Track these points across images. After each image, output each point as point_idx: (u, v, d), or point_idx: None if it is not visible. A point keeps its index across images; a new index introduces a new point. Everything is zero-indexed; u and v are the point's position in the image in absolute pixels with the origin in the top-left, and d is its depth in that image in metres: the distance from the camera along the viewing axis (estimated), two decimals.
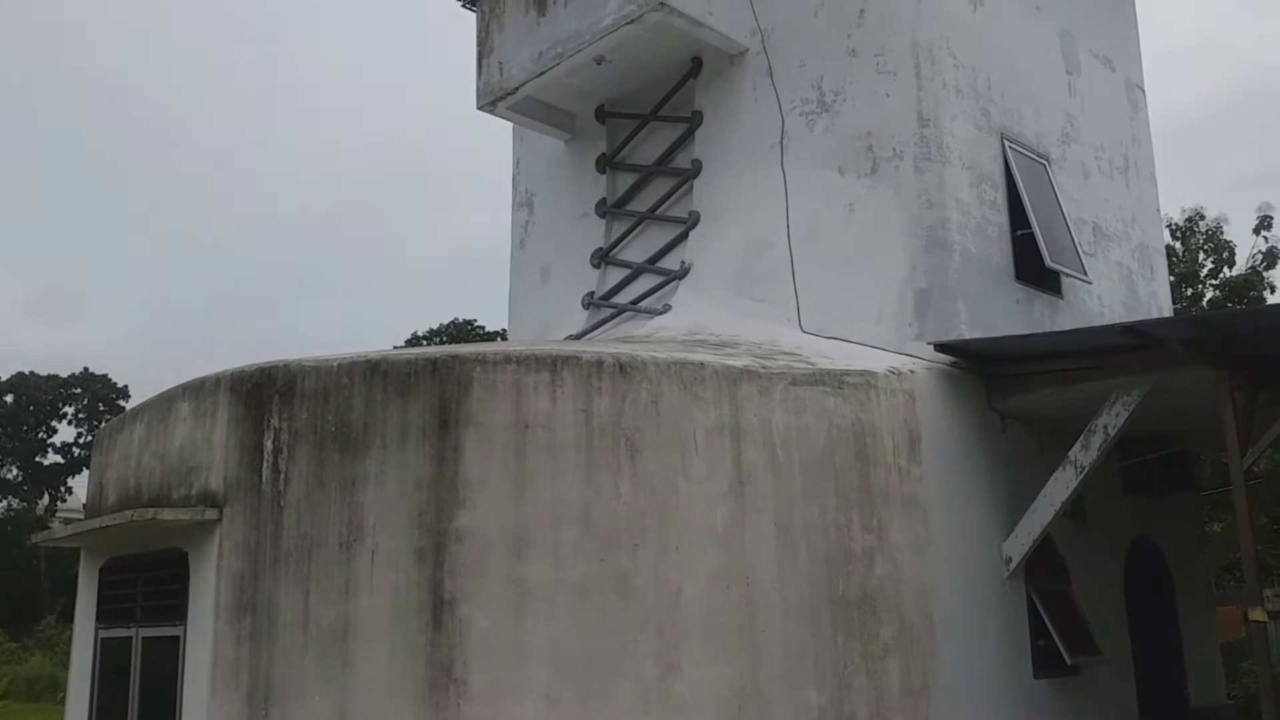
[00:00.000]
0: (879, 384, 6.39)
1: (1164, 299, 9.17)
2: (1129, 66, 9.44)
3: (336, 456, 5.04)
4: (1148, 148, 9.46)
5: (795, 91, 7.79)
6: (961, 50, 7.48)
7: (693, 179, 8.34)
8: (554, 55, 8.23)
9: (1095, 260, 8.27)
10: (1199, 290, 15.93)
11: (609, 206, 8.91)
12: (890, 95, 7.30)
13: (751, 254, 7.82)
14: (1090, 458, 6.37)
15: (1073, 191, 8.22)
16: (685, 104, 8.48)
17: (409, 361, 5.22)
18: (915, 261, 7.02)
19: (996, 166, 7.57)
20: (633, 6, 7.67)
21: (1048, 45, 8.43)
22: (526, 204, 9.86)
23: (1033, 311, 7.57)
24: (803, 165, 7.67)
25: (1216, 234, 16.24)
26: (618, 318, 8.46)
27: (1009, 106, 7.83)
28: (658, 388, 5.43)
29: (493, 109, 8.84)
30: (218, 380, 5.35)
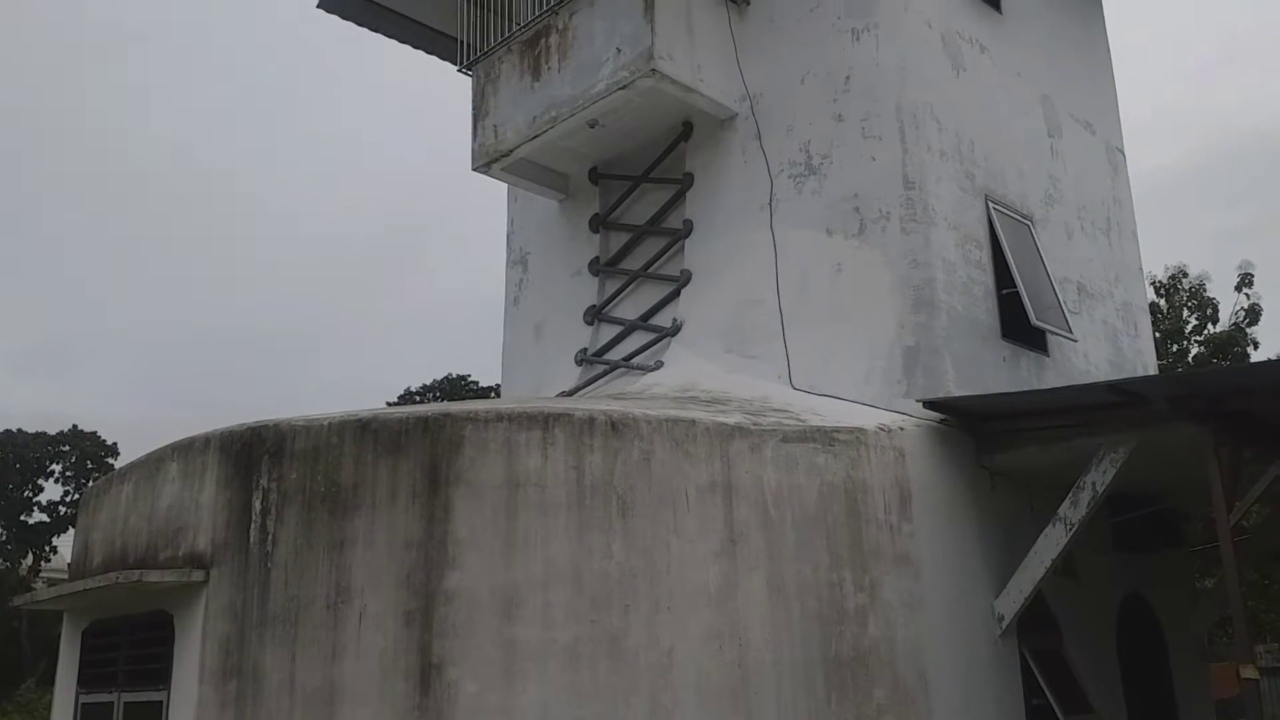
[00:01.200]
0: (869, 441, 6.45)
1: (1149, 356, 9.29)
2: (1108, 130, 9.68)
3: (325, 517, 5.02)
4: (1129, 208, 9.67)
5: (784, 154, 7.97)
6: (945, 115, 7.68)
7: (684, 238, 8.48)
8: (548, 119, 8.41)
9: (1080, 318, 8.40)
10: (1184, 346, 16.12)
11: (602, 265, 9.03)
12: (876, 159, 7.47)
13: (742, 312, 7.93)
14: (1079, 514, 6.42)
15: (1056, 251, 8.38)
16: (677, 166, 8.65)
17: (400, 420, 5.23)
18: (903, 320, 7.13)
19: (981, 227, 7.73)
20: (625, 73, 7.87)
21: (1029, 110, 8.66)
22: (521, 262, 9.98)
23: (1020, 369, 7.67)
24: (792, 226, 7.82)
25: (1200, 291, 16.51)
26: (611, 374, 8.53)
27: (992, 169, 8.02)
28: (650, 445, 5.47)
29: (487, 170, 9.00)
30: (207, 440, 5.35)
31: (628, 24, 7.90)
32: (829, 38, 7.88)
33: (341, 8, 10.54)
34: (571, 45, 8.33)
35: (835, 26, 7.86)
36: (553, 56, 8.45)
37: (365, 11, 10.65)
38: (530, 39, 8.62)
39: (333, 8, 10.52)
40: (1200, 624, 9.15)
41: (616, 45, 7.95)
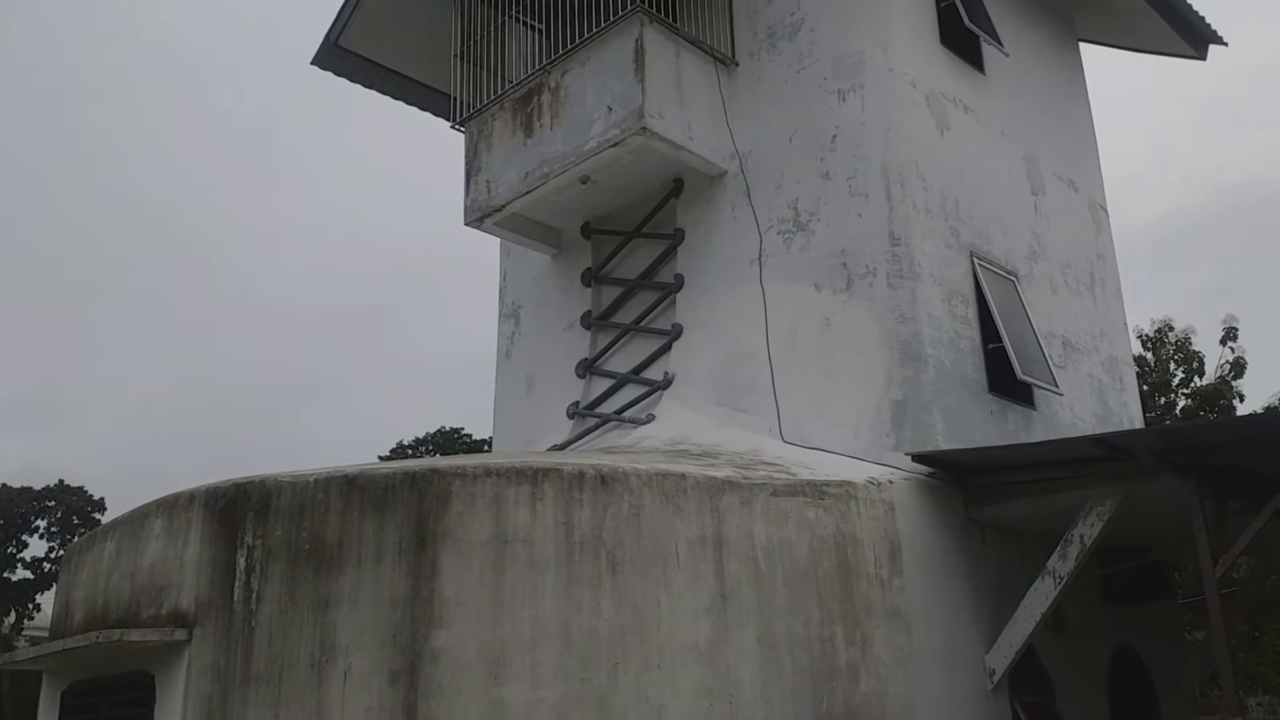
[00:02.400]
0: (859, 494, 6.49)
1: (1134, 410, 9.38)
2: (1091, 187, 9.87)
3: (310, 574, 4.98)
4: (1113, 263, 9.82)
5: (772, 211, 8.11)
6: (930, 173, 7.84)
7: (675, 293, 8.58)
8: (540, 175, 8.54)
9: (1066, 372, 8.50)
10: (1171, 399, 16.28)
11: (594, 319, 9.12)
12: (863, 215, 7.61)
13: (733, 365, 8.00)
14: (1068, 567, 6.44)
15: (1041, 306, 8.50)
16: (668, 222, 8.78)
17: (386, 476, 5.20)
18: (891, 374, 7.21)
19: (967, 283, 7.85)
20: (616, 131, 8.02)
21: (1013, 168, 8.84)
22: (513, 315, 10.07)
23: (1007, 423, 7.74)
24: (781, 281, 7.93)
25: (1185, 344, 16.70)
26: (603, 427, 8.57)
27: (977, 226, 8.16)
28: (639, 499, 5.49)
29: (480, 225, 9.11)
30: (192, 496, 5.32)
31: (619, 83, 8.08)
32: (816, 98, 8.06)
33: (336, 65, 10.74)
34: (564, 103, 8.49)
35: (822, 87, 8.04)
36: (545, 114, 8.61)
37: (359, 68, 10.84)
38: (523, 97, 8.80)
39: (327, 65, 10.71)
40: (1191, 677, 9.11)
41: (608, 104, 8.12)
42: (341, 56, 10.62)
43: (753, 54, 8.55)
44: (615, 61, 8.13)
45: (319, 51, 10.56)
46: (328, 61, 10.65)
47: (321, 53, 10.56)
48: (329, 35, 10.46)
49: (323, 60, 10.64)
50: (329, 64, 10.68)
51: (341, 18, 10.36)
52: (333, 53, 10.55)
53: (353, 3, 10.29)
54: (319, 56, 10.60)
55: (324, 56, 10.60)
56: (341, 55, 10.60)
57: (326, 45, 10.49)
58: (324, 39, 10.48)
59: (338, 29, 10.42)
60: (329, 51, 10.54)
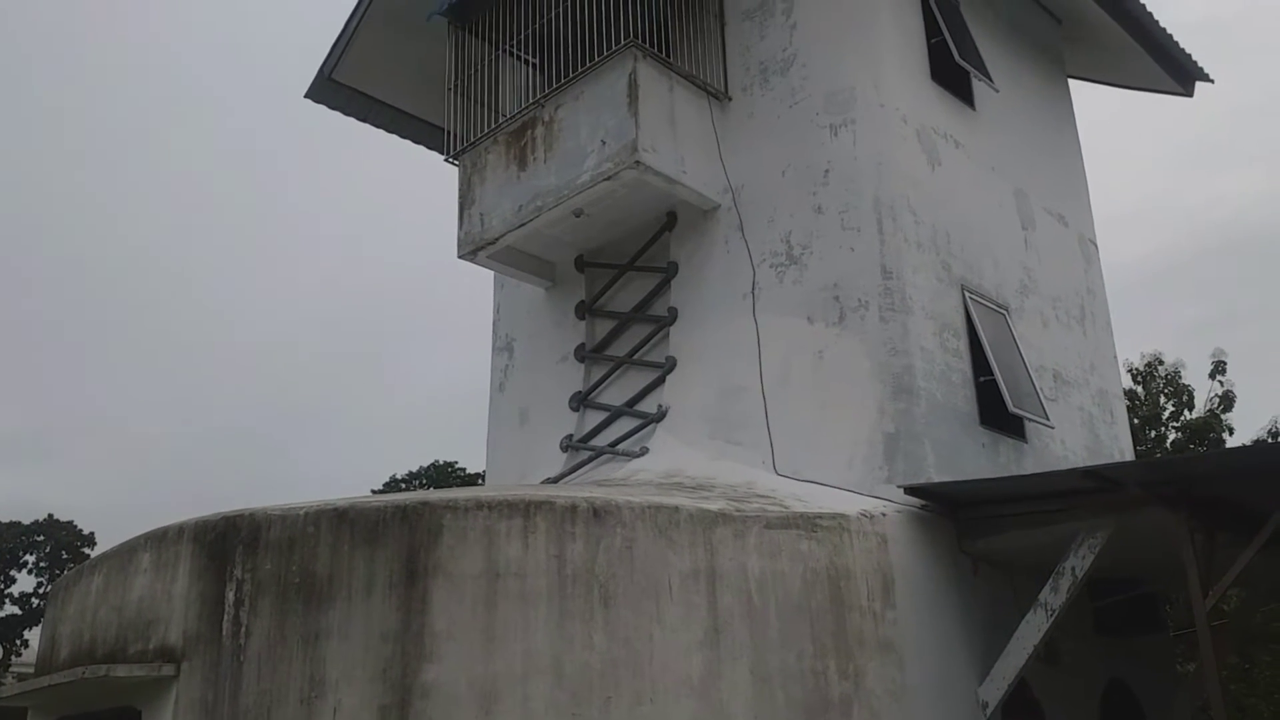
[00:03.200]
0: (851, 527, 6.49)
1: (1125, 442, 9.42)
2: (1081, 223, 9.97)
3: (300, 608, 4.93)
4: (1102, 298, 9.90)
5: (765, 245, 8.17)
6: (921, 207, 7.91)
7: (669, 326, 8.61)
8: (534, 208, 8.60)
9: (1057, 405, 8.54)
10: (1162, 432, 16.35)
11: (588, 352, 9.14)
12: (855, 249, 7.67)
13: (727, 398, 8.02)
14: (1060, 600, 6.44)
15: (1032, 339, 8.56)
16: (661, 255, 8.83)
17: (377, 509, 5.17)
18: (883, 406, 7.23)
19: (958, 316, 7.90)
20: (609, 164, 8.09)
21: (1003, 203, 8.93)
22: (506, 348, 10.08)
23: (999, 455, 7.77)
24: (774, 313, 7.97)
25: (1175, 378, 16.80)
26: (596, 460, 8.56)
27: (968, 259, 8.23)
28: (632, 532, 5.48)
29: (473, 258, 9.14)
30: (181, 529, 5.29)
31: (612, 117, 8.15)
32: (808, 133, 8.15)
33: (330, 98, 10.83)
34: (557, 137, 8.57)
35: (814, 122, 8.13)
36: (539, 148, 8.68)
37: (353, 102, 10.94)
38: (517, 130, 8.87)
39: (321, 98, 10.80)
40: (1183, 710, 9.09)
41: (601, 138, 8.19)
42: (335, 90, 10.72)
43: (745, 89, 8.66)
44: (609, 96, 8.21)
45: (313, 85, 10.66)
46: (322, 95, 10.75)
47: (315, 86, 10.66)
48: (323, 69, 10.56)
49: (317, 94, 10.73)
50: (323, 97, 10.78)
51: (335, 52, 10.47)
52: (327, 86, 10.65)
53: (346, 37, 10.40)
54: (313, 90, 10.70)
55: (318, 90, 10.69)
56: (335, 89, 10.70)
57: (320, 79, 10.59)
58: (318, 73, 10.58)
59: (331, 63, 10.52)
60: (323, 85, 10.64)
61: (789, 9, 8.48)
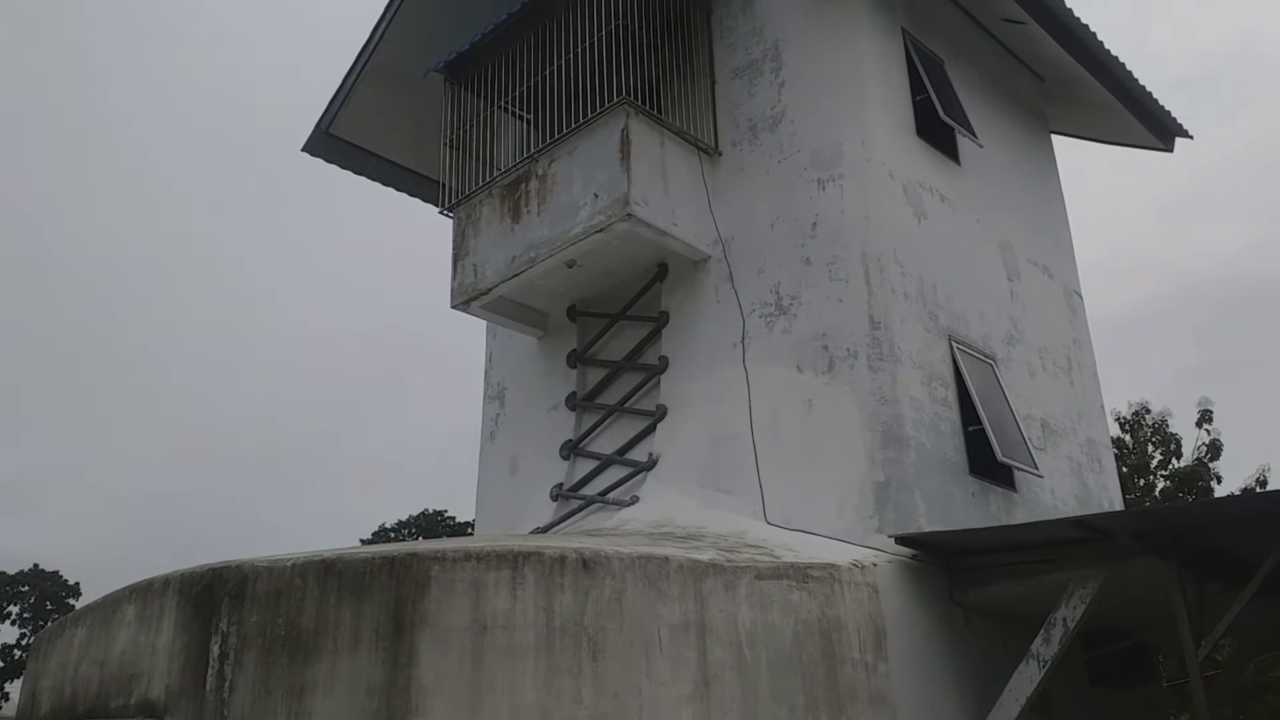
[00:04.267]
0: (843, 577, 6.49)
1: (1114, 492, 9.46)
2: (1066, 274, 10.12)
3: (285, 662, 4.86)
4: (1089, 348, 10.01)
5: (755, 295, 8.26)
6: (908, 259, 8.03)
7: (660, 374, 8.68)
8: (527, 259, 8.70)
9: (1045, 455, 8.58)
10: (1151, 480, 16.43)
11: (579, 400, 9.18)
12: (843, 300, 7.77)
13: (717, 447, 8.05)
14: (1052, 651, 6.43)
15: (1020, 389, 8.63)
16: (653, 304, 8.92)
17: (365, 561, 5.11)
18: (873, 455, 7.27)
19: (946, 366, 7.98)
20: (602, 217, 8.21)
21: (989, 255, 9.06)
22: (498, 397, 10.12)
23: (989, 505, 7.79)
24: (764, 363, 8.04)
25: (1163, 427, 16.94)
26: (586, 509, 8.56)
27: (955, 310, 8.34)
28: (622, 584, 5.46)
29: (467, 308, 9.23)
30: (167, 581, 5.24)
31: (605, 172, 8.29)
32: (796, 186, 8.29)
33: (326, 151, 10.99)
34: (551, 190, 8.70)
35: (802, 176, 8.28)
36: (532, 200, 8.81)
37: (349, 155, 11.11)
38: (511, 184, 9.01)
39: (318, 151, 10.97)
40: None
41: (594, 191, 8.32)
42: (332, 143, 10.89)
43: (735, 144, 8.82)
44: (602, 151, 8.36)
45: (310, 139, 10.83)
46: (318, 148, 10.91)
47: (313, 140, 10.83)
48: (320, 123, 10.74)
49: (313, 147, 10.89)
50: (319, 150, 10.94)
51: (333, 106, 10.65)
52: (323, 140, 10.82)
53: (344, 92, 10.60)
54: (310, 143, 10.86)
55: (315, 143, 10.86)
56: (332, 142, 10.87)
57: (318, 133, 10.77)
58: (315, 126, 10.76)
59: (329, 117, 10.70)
60: (320, 139, 10.81)
61: (777, 68, 8.68)
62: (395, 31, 10.37)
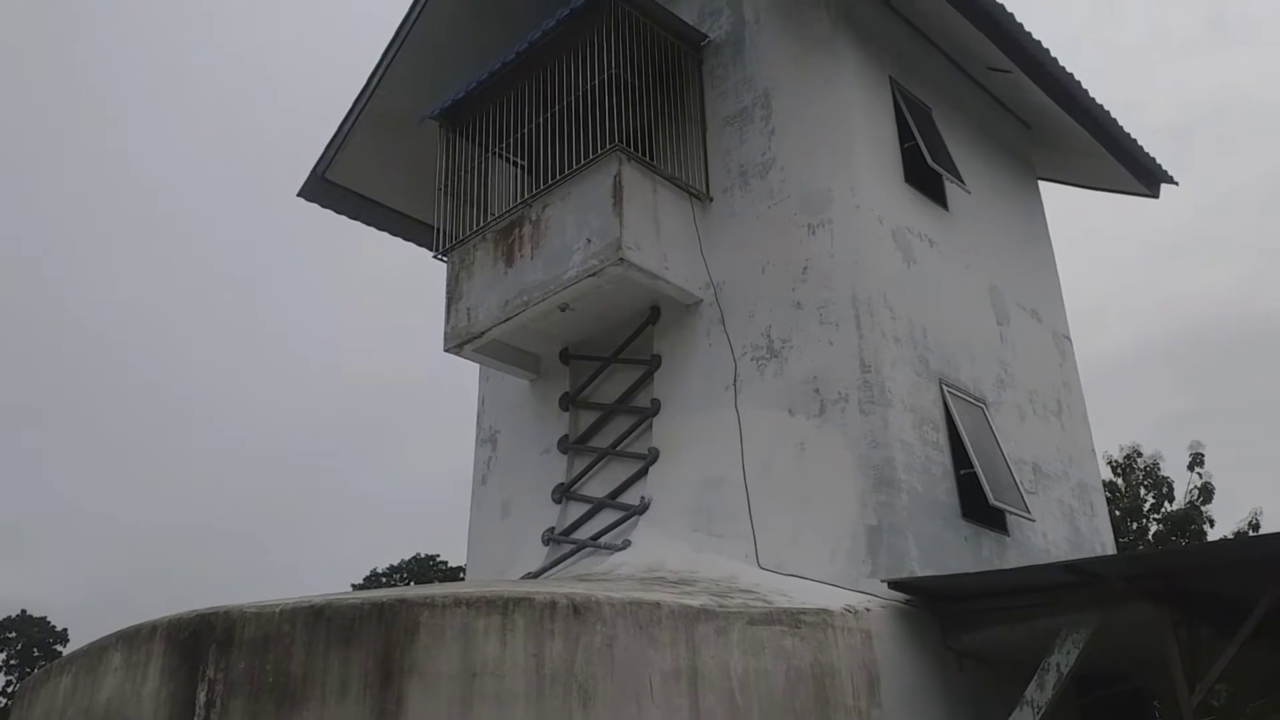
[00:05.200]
0: (836, 623, 6.45)
1: (1106, 535, 9.45)
2: (1054, 318, 10.20)
3: (272, 709, 4.77)
4: (1078, 391, 10.06)
5: (746, 338, 8.31)
6: (898, 303, 8.09)
7: (652, 417, 8.69)
8: (520, 303, 8.75)
9: (1037, 498, 8.59)
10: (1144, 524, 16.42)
11: (571, 443, 9.18)
12: (834, 343, 7.81)
13: (709, 490, 8.05)
14: (1046, 697, 6.38)
15: (1010, 432, 8.66)
16: (645, 347, 8.96)
17: (354, 607, 5.06)
18: (865, 499, 7.27)
19: (937, 409, 8.01)
20: (594, 261, 8.28)
21: (978, 299, 9.14)
22: (490, 440, 10.11)
23: (981, 549, 7.78)
24: (755, 406, 8.06)
25: (1154, 470, 16.97)
26: (578, 553, 8.52)
27: (945, 354, 8.39)
28: (613, 630, 5.43)
29: (459, 351, 9.26)
30: (154, 628, 5.16)
31: (597, 217, 8.38)
32: (787, 231, 8.37)
33: (322, 197, 11.09)
34: (544, 235, 8.78)
35: (792, 222, 8.37)
36: (526, 245, 8.88)
37: (345, 200, 11.20)
38: (505, 228, 9.09)
39: (314, 197, 11.06)
40: None
41: (587, 236, 8.40)
42: (328, 189, 10.99)
43: (726, 190, 8.92)
44: (595, 196, 8.45)
45: (306, 184, 10.92)
46: (314, 194, 11.01)
47: (308, 185, 10.92)
48: (316, 169, 10.84)
49: (309, 192, 10.99)
50: (315, 196, 11.03)
51: (329, 153, 10.76)
52: (319, 185, 10.92)
53: (340, 138, 10.71)
54: (305, 189, 10.96)
55: (310, 189, 10.95)
56: (328, 188, 10.97)
57: (313, 178, 10.87)
58: (310, 172, 10.86)
59: (324, 163, 10.81)
60: (316, 184, 10.91)
61: (767, 116, 8.81)
62: (391, 79, 10.52)
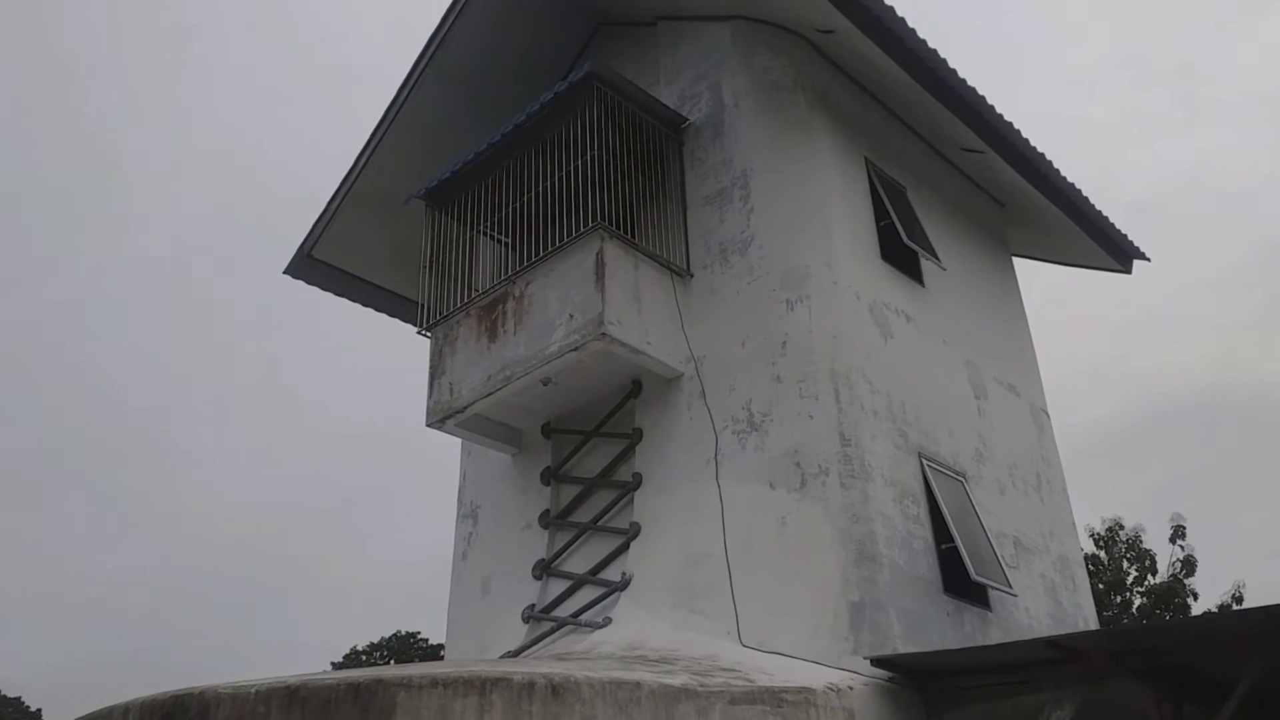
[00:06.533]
0: (818, 701, 6.38)
1: (1088, 610, 9.43)
2: (1031, 392, 10.32)
3: None
4: (1057, 465, 10.13)
5: (727, 412, 8.36)
6: (876, 377, 8.19)
7: (634, 491, 8.68)
8: (503, 378, 8.81)
9: (1019, 573, 8.59)
10: (1128, 597, 16.36)
11: (552, 518, 9.15)
12: (814, 417, 7.87)
13: (691, 566, 8.00)
14: None
15: (991, 506, 8.69)
16: (626, 421, 9.00)
17: (329, 687, 5.02)
18: (847, 574, 7.25)
19: (917, 483, 8.05)
20: (577, 336, 8.37)
21: (955, 373, 9.26)
22: (471, 515, 10.06)
23: (963, 624, 7.75)
24: (737, 480, 8.08)
25: (1137, 542, 16.97)
26: (558, 631, 8.43)
27: (924, 428, 8.46)
28: (591, 710, 5.36)
29: (441, 426, 9.28)
30: (126, 709, 5.08)
31: (580, 293, 8.49)
32: (766, 306, 8.50)
33: (308, 274, 11.20)
34: (527, 310, 8.88)
35: (771, 297, 8.50)
36: (509, 320, 8.98)
37: (331, 277, 11.32)
38: (488, 304, 9.19)
39: (300, 274, 11.17)
40: None
41: (569, 311, 8.50)
42: (314, 266, 11.11)
43: (706, 266, 9.07)
44: (577, 273, 8.58)
45: (293, 261, 11.04)
46: (300, 271, 11.12)
47: (295, 263, 11.04)
48: (303, 247, 10.98)
49: (295, 270, 11.10)
50: (301, 273, 11.15)
51: (315, 231, 10.91)
52: (305, 263, 11.04)
53: (327, 216, 10.87)
54: (292, 266, 11.07)
55: (297, 266, 11.07)
56: (314, 265, 11.09)
57: (300, 256, 10.99)
58: (297, 250, 10.99)
59: (311, 241, 10.94)
60: (302, 261, 11.02)
61: (746, 195, 9.01)
62: (379, 159, 10.72)
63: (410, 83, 10.44)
